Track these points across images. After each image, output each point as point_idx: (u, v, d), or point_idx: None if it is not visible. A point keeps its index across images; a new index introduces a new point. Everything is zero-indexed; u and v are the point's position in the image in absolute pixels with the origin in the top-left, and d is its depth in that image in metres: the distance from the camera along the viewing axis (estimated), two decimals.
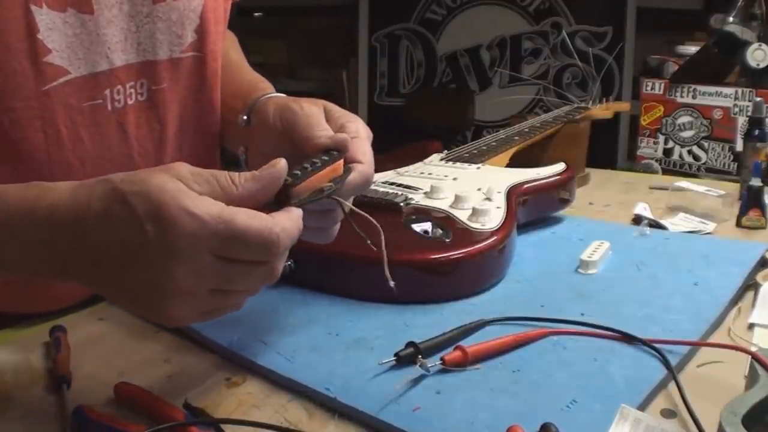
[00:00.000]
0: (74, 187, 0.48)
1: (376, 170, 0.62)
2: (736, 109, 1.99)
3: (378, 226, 0.56)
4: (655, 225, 0.93)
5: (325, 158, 0.56)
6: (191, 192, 0.46)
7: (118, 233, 0.45)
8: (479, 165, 0.94)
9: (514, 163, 1.00)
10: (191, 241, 0.45)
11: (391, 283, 0.57)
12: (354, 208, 0.58)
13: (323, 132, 0.60)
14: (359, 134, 0.61)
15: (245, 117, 0.71)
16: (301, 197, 0.52)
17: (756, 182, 0.97)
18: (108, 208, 0.46)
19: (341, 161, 0.57)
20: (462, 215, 0.77)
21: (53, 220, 0.47)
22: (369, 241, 0.57)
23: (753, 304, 0.71)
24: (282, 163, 0.49)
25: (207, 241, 0.45)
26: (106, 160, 0.69)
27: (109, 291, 0.50)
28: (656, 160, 2.15)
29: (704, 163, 2.07)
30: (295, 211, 0.51)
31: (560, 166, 0.92)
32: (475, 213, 0.76)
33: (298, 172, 0.52)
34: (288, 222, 0.49)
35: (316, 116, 0.62)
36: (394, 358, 0.57)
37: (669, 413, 0.53)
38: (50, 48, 0.62)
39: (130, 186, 0.46)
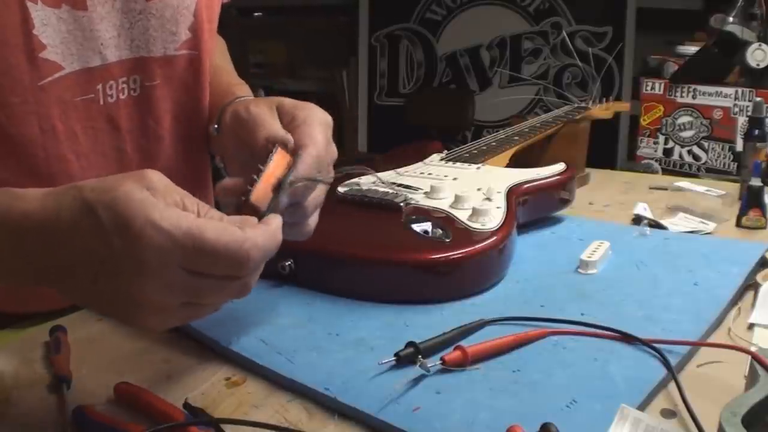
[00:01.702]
0: (44, 195, 0.48)
1: (377, 170, 0.62)
2: (736, 109, 1.99)
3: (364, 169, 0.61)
4: (655, 225, 0.93)
5: (267, 159, 0.55)
6: (159, 203, 0.45)
7: (87, 244, 0.45)
8: (479, 165, 0.94)
9: (514, 163, 1.00)
10: (158, 255, 0.44)
11: None
12: (321, 180, 0.58)
13: (265, 132, 0.60)
14: (306, 120, 0.61)
15: (216, 126, 0.71)
16: (266, 203, 0.52)
17: (756, 182, 0.97)
18: (76, 219, 0.45)
19: (283, 150, 0.57)
20: (462, 215, 0.77)
21: (24, 228, 0.47)
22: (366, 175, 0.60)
23: (753, 304, 0.71)
24: (248, 245, 0.46)
25: (174, 255, 0.44)
26: (99, 154, 0.70)
27: (80, 299, 0.50)
28: (656, 160, 2.15)
29: (704, 163, 2.07)
30: (273, 223, 0.49)
31: (560, 166, 0.92)
32: (475, 213, 0.76)
33: (249, 187, 0.52)
34: (261, 237, 0.47)
35: (261, 118, 0.62)
36: (394, 358, 0.57)
37: (669, 413, 0.53)
38: (45, 43, 0.62)
39: (98, 195, 0.45)
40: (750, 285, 0.76)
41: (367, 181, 0.87)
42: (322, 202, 0.63)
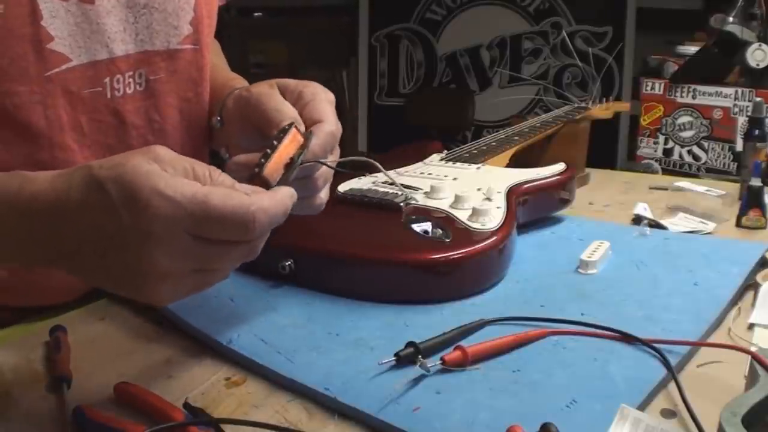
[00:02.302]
0: (54, 176, 0.49)
1: (377, 170, 0.62)
2: (736, 109, 1.99)
3: (370, 162, 0.62)
4: (655, 225, 0.93)
5: (281, 135, 0.56)
6: (165, 173, 0.46)
7: (95, 220, 0.46)
8: (479, 165, 0.94)
9: (514, 163, 1.00)
10: (166, 223, 0.45)
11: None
12: (330, 165, 0.60)
13: (274, 106, 0.61)
14: (315, 98, 0.62)
15: (219, 118, 0.72)
16: (277, 178, 0.53)
17: (756, 182, 0.97)
18: (85, 196, 0.46)
19: (297, 129, 0.58)
20: (462, 215, 0.77)
21: (34, 209, 0.48)
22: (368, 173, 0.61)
23: (753, 304, 0.71)
24: (254, 207, 0.48)
25: (182, 222, 0.45)
26: (103, 146, 0.70)
27: (90, 276, 0.51)
28: (656, 160, 2.15)
29: (704, 163, 2.07)
30: (280, 191, 0.51)
31: (560, 166, 0.92)
32: (475, 213, 0.76)
33: (263, 160, 0.53)
34: (267, 201, 0.48)
35: (267, 95, 0.63)
36: (394, 358, 0.57)
37: (669, 413, 0.53)
38: (53, 35, 0.63)
39: (106, 172, 0.46)
40: (750, 285, 0.76)
41: (367, 181, 0.87)
42: (331, 177, 0.64)
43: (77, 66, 0.65)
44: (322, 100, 0.63)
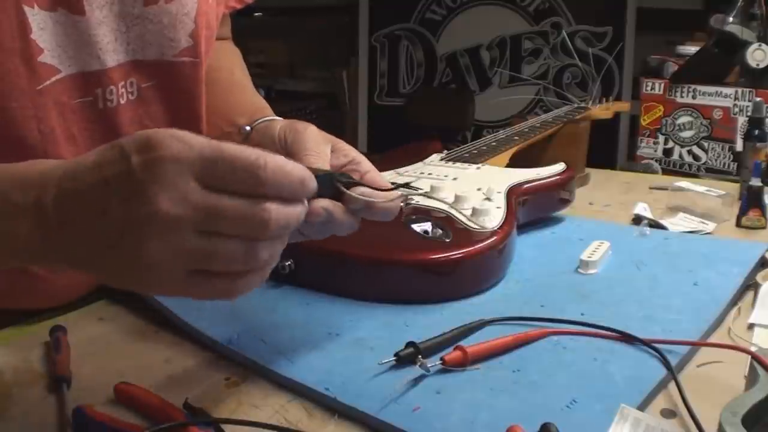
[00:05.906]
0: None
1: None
2: (736, 109, 1.99)
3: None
4: (655, 225, 0.94)
5: None
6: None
7: (103, 173, 0.44)
8: (479, 165, 0.94)
9: (514, 163, 1.00)
10: (176, 163, 0.43)
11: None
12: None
13: (315, 155, 0.59)
14: (371, 169, 0.61)
15: (248, 128, 0.71)
16: None
17: (756, 182, 0.97)
18: (100, 156, 0.45)
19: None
20: (462, 215, 0.77)
21: (45, 178, 0.46)
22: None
23: (753, 304, 0.71)
24: (262, 159, 0.45)
25: (191, 163, 0.43)
26: None
27: (87, 242, 0.46)
28: (656, 160, 2.15)
29: (704, 163, 2.07)
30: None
31: (560, 166, 0.93)
32: (475, 213, 0.76)
33: None
34: (282, 160, 0.46)
35: (317, 141, 0.61)
36: (394, 358, 0.57)
37: (669, 413, 0.53)
38: (42, 47, 0.62)
39: (129, 138, 0.45)
40: (750, 285, 0.76)
41: None
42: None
43: (66, 77, 0.65)
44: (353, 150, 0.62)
